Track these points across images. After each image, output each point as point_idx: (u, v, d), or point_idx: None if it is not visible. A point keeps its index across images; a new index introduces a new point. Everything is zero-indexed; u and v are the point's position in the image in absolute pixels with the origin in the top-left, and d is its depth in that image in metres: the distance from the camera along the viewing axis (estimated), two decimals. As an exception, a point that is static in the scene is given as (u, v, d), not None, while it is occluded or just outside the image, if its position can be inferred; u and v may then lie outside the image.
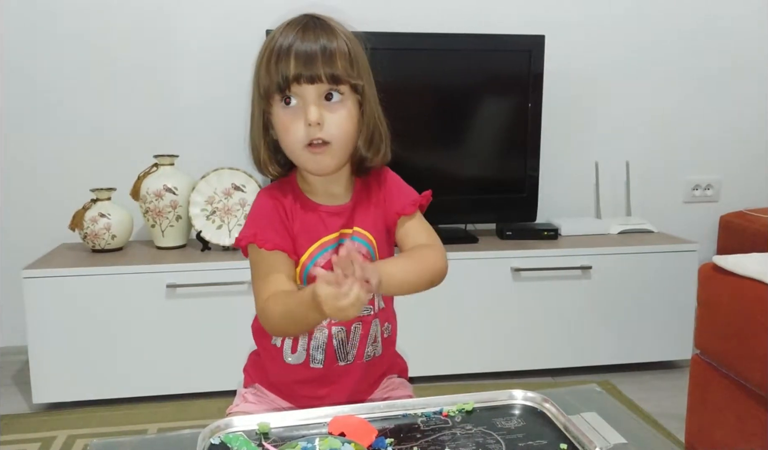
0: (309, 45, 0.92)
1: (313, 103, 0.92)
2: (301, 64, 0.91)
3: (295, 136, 0.94)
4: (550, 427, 0.81)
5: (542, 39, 2.24)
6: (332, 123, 0.93)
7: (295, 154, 0.96)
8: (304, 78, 0.92)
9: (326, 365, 1.01)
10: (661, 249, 2.23)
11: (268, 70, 0.94)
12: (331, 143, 0.94)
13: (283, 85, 0.92)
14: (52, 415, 1.94)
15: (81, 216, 2.08)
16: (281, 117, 0.95)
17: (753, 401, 1.38)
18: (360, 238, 1.01)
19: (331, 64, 0.92)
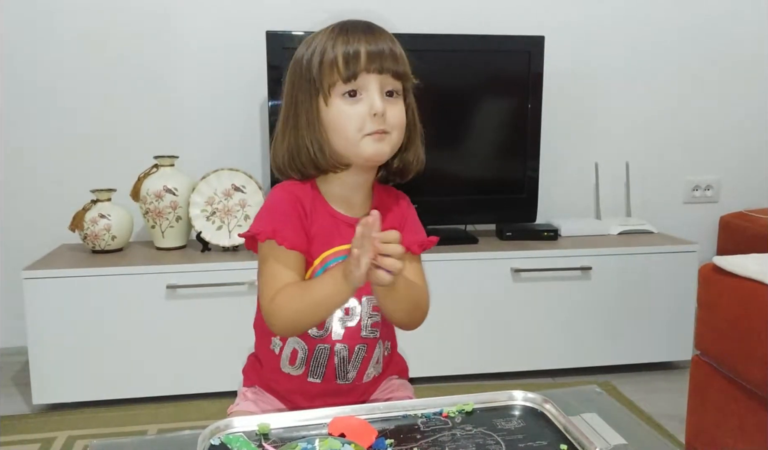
0: (377, 42, 0.95)
1: (379, 94, 0.93)
2: (373, 54, 0.93)
3: (356, 125, 0.93)
4: (550, 428, 0.81)
5: (542, 40, 2.25)
6: (393, 115, 0.95)
7: (352, 141, 0.94)
8: (373, 68, 0.93)
9: (324, 381, 1.00)
10: (661, 250, 2.23)
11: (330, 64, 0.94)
12: (390, 133, 0.95)
13: (349, 74, 0.93)
14: (52, 415, 1.94)
15: (81, 217, 2.08)
16: (344, 108, 0.94)
17: (753, 402, 1.38)
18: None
19: (397, 59, 0.95)
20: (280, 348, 1.01)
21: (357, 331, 0.99)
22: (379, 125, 0.93)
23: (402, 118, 0.97)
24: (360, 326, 0.99)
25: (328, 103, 0.95)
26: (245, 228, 2.12)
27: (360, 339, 1.00)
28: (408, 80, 0.98)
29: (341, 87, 0.94)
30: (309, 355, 0.99)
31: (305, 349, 0.99)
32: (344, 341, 0.99)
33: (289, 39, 2.09)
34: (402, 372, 1.12)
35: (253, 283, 1.99)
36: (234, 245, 2.12)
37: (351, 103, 0.94)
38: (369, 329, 1.00)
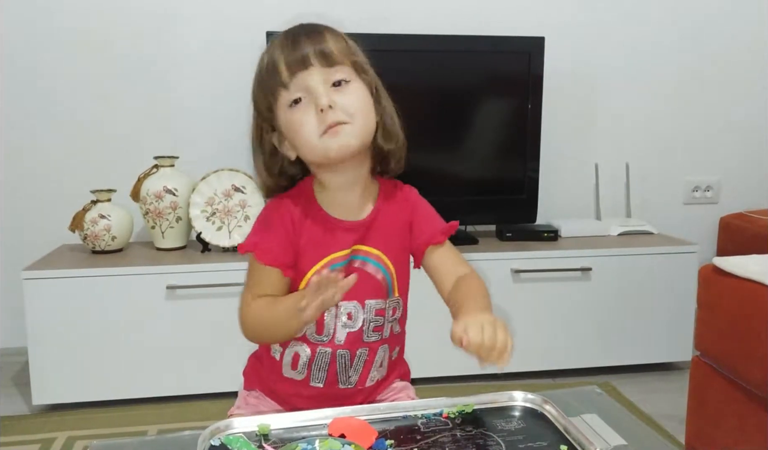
0: (296, 45, 0.90)
1: (321, 89, 0.89)
2: (294, 54, 0.89)
3: (309, 128, 0.89)
4: (550, 429, 0.81)
5: (542, 40, 2.24)
6: (345, 103, 0.89)
7: (312, 148, 0.91)
8: (297, 67, 0.89)
9: (326, 386, 0.99)
10: (661, 250, 2.23)
11: (261, 86, 0.93)
12: (349, 122, 0.90)
13: (280, 86, 0.90)
14: (51, 416, 1.94)
15: (81, 217, 2.08)
16: (290, 118, 0.91)
17: (753, 403, 1.38)
18: (374, 260, 0.98)
19: (321, 42, 0.90)
20: (280, 354, 1.00)
21: (359, 336, 0.98)
22: (331, 119, 0.88)
23: (361, 101, 0.91)
24: (362, 331, 0.98)
25: (277, 120, 0.93)
26: (245, 228, 2.13)
27: (362, 343, 0.98)
28: (350, 60, 0.92)
29: (284, 98, 0.91)
30: (311, 359, 0.98)
31: (307, 354, 0.98)
32: (345, 346, 0.98)
33: (289, 39, 2.09)
34: (405, 375, 1.11)
35: (253, 284, 1.99)
36: (234, 246, 2.12)
37: (298, 111, 0.90)
38: (371, 333, 0.99)
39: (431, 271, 1.01)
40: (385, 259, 0.98)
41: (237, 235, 2.13)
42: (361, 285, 0.94)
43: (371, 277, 0.98)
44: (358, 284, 0.94)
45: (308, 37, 0.91)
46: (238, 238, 2.13)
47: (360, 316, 0.97)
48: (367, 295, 0.97)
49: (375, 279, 0.98)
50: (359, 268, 0.97)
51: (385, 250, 0.98)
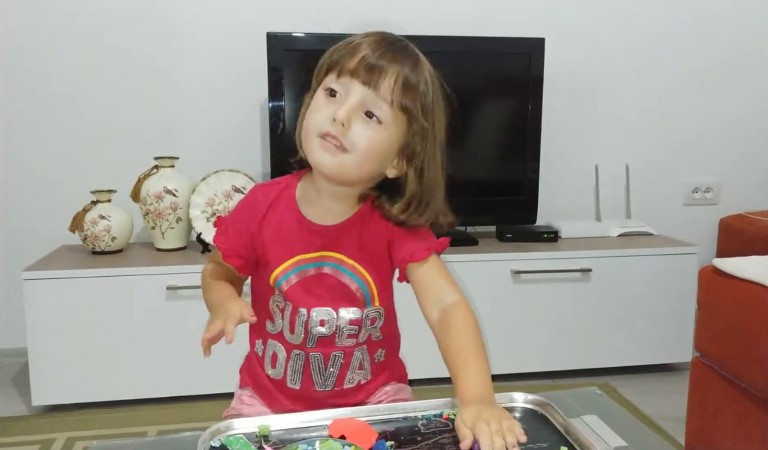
0: (383, 56, 0.86)
1: (351, 105, 0.85)
2: (365, 66, 0.85)
3: (316, 121, 0.87)
4: (550, 430, 0.81)
5: (542, 42, 2.25)
6: (358, 134, 0.85)
7: (306, 137, 0.89)
8: (360, 76, 0.85)
9: (303, 388, 0.98)
10: (661, 251, 2.23)
11: (332, 52, 0.89)
12: (348, 152, 0.86)
13: (335, 70, 0.87)
14: (51, 417, 1.94)
15: (81, 218, 2.08)
16: (317, 99, 0.89)
17: (753, 404, 1.38)
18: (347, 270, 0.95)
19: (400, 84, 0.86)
20: (262, 350, 1.01)
21: (332, 341, 0.96)
22: (335, 132, 0.85)
23: (370, 143, 0.86)
24: (335, 336, 0.96)
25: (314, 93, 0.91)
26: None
27: (335, 346, 0.97)
28: (411, 115, 0.88)
29: (329, 80, 0.88)
30: (286, 359, 0.98)
31: (283, 354, 0.98)
32: (318, 349, 0.97)
33: (289, 40, 2.09)
34: (400, 377, 1.09)
35: (253, 285, 1.99)
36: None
37: (325, 102, 0.87)
38: (345, 338, 0.97)
39: (414, 289, 0.95)
40: (361, 270, 0.95)
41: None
42: (334, 292, 0.95)
43: (345, 286, 0.95)
44: (331, 291, 0.95)
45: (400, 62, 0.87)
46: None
47: (333, 322, 0.95)
48: (341, 303, 0.95)
49: (348, 289, 0.95)
50: (331, 274, 0.95)
51: (361, 261, 0.95)
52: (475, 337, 0.91)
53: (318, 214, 0.94)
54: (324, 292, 0.95)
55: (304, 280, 0.95)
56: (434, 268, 0.94)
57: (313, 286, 0.95)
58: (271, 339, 0.99)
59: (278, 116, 2.12)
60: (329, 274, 0.95)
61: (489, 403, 0.81)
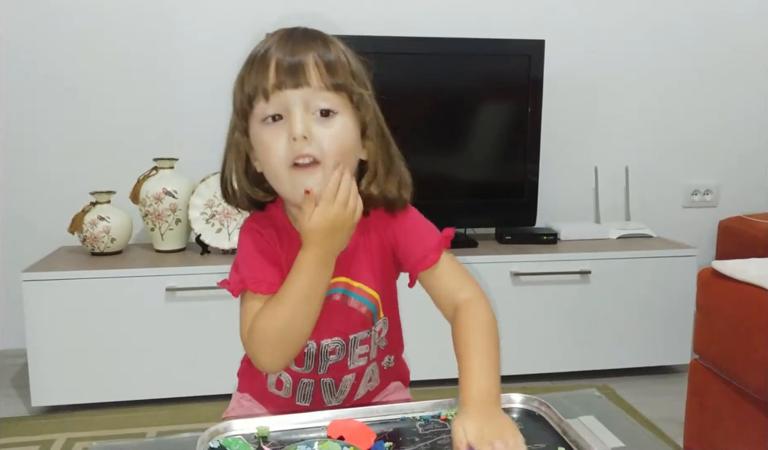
0: (295, 51, 0.81)
1: (300, 114, 0.79)
2: (284, 69, 0.80)
3: (278, 155, 0.80)
4: (548, 431, 0.81)
5: (542, 43, 2.25)
6: (324, 137, 0.80)
7: (279, 178, 0.82)
8: (287, 84, 0.79)
9: (313, 404, 0.96)
10: (661, 254, 2.23)
11: (242, 82, 0.83)
12: (322, 162, 0.80)
13: (261, 94, 0.80)
14: (50, 418, 1.94)
15: (80, 219, 2.08)
16: (262, 136, 0.81)
17: (752, 406, 1.38)
18: (355, 293, 0.91)
19: (327, 70, 0.81)
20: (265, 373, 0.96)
21: (344, 365, 0.94)
22: (303, 149, 0.79)
23: (338, 139, 0.81)
24: (346, 362, 0.94)
25: (252, 133, 0.84)
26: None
27: (347, 370, 0.94)
28: (350, 91, 0.82)
29: (261, 109, 0.81)
30: (294, 386, 0.95)
31: (290, 381, 0.95)
32: (329, 375, 0.94)
33: (289, 42, 2.09)
34: (404, 380, 1.09)
35: (252, 286, 1.99)
36: (233, 248, 2.12)
37: (273, 131, 0.81)
38: (356, 360, 0.94)
39: (428, 293, 0.92)
40: (368, 290, 0.91)
41: (237, 237, 2.12)
42: (344, 320, 0.91)
43: (354, 311, 0.91)
44: (341, 320, 0.91)
45: (311, 47, 0.81)
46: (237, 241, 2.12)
47: (343, 351, 0.93)
48: (351, 330, 0.92)
49: (358, 313, 0.91)
50: (340, 302, 0.91)
51: (367, 281, 0.91)
52: (484, 335, 0.85)
53: None
54: (333, 320, 0.90)
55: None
56: (446, 269, 0.90)
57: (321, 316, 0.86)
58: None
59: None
60: (338, 302, 0.91)
61: (491, 410, 0.77)
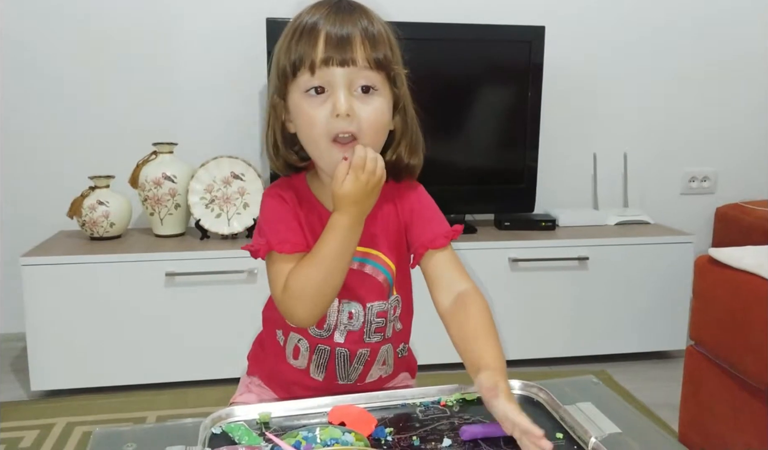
0: (344, 24, 0.84)
1: (344, 91, 0.84)
2: (333, 44, 0.83)
3: (320, 129, 0.84)
4: (546, 417, 0.82)
5: (542, 30, 2.24)
6: (363, 115, 0.85)
7: (318, 149, 0.87)
8: (335, 60, 0.83)
9: (326, 379, 0.98)
10: (658, 240, 2.24)
11: (289, 49, 0.86)
12: (359, 138, 0.85)
13: (307, 66, 0.84)
14: (50, 402, 1.95)
15: (79, 203, 2.08)
16: (303, 107, 0.86)
17: (746, 392, 1.39)
18: (373, 261, 0.94)
19: (374, 45, 0.85)
20: (284, 341, 0.98)
21: (359, 336, 0.95)
22: (345, 127, 0.84)
23: (376, 119, 0.86)
24: (362, 331, 0.95)
25: (289, 103, 0.88)
26: (244, 216, 2.13)
27: (363, 343, 0.96)
28: (390, 69, 0.87)
29: (305, 80, 0.85)
30: (310, 352, 0.96)
31: (306, 347, 0.96)
32: (345, 345, 0.95)
33: (288, 27, 2.08)
34: (412, 371, 1.09)
35: (252, 271, 1.99)
36: (233, 233, 2.13)
37: (315, 103, 0.85)
38: (373, 334, 0.96)
39: (427, 276, 0.95)
40: (386, 260, 0.95)
41: (236, 222, 2.13)
42: (362, 286, 0.94)
43: (372, 278, 0.94)
44: (359, 286, 0.93)
45: (357, 24, 0.85)
46: (236, 226, 2.13)
47: (360, 317, 0.95)
48: (369, 297, 0.94)
49: (376, 281, 0.95)
50: (358, 269, 0.94)
51: (385, 251, 0.95)
52: (491, 321, 0.91)
53: None
54: (352, 286, 0.93)
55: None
56: (450, 257, 0.94)
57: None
58: (293, 332, 0.97)
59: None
60: (357, 269, 0.94)
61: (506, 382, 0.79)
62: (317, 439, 0.73)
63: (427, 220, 0.95)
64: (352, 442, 0.73)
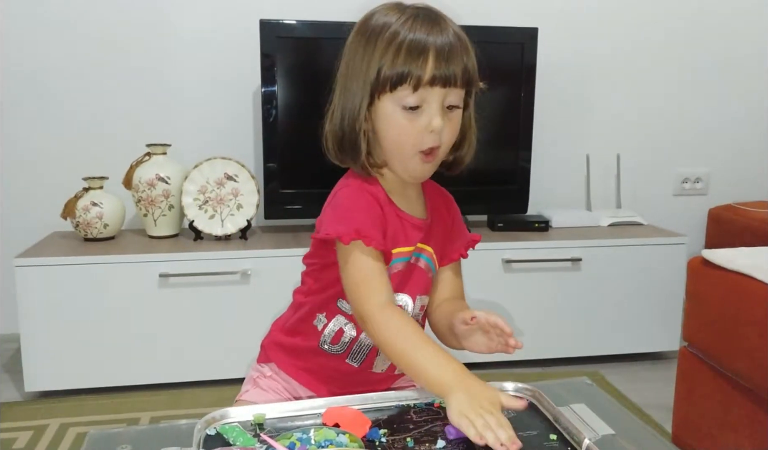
0: (450, 51, 0.89)
1: (440, 110, 0.89)
2: (442, 65, 0.87)
3: (413, 141, 0.89)
4: (540, 418, 0.83)
5: (535, 31, 2.25)
6: (446, 133, 0.91)
7: (404, 156, 0.91)
8: (439, 80, 0.87)
9: (362, 367, 1.00)
10: (651, 241, 2.25)
11: (394, 62, 0.87)
12: (440, 148, 0.92)
13: (411, 84, 0.87)
14: (44, 403, 1.95)
15: (73, 204, 2.07)
16: (398, 119, 0.89)
17: (738, 393, 1.40)
18: (430, 259, 1.00)
19: (466, 68, 0.91)
20: (324, 325, 0.99)
21: None
22: (434, 142, 0.89)
23: (455, 134, 0.93)
24: None
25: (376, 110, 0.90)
26: (238, 217, 2.13)
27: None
28: (475, 84, 0.94)
29: (404, 95, 0.88)
30: (354, 339, 0.98)
31: (352, 335, 0.98)
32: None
33: (282, 28, 2.09)
34: None
35: (245, 272, 1.99)
36: (226, 234, 2.13)
37: (411, 118, 0.89)
38: None
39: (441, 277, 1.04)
40: (435, 256, 1.00)
41: (229, 223, 2.13)
42: (415, 280, 0.98)
43: (423, 273, 0.99)
44: (413, 280, 0.98)
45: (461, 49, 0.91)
46: (230, 227, 2.13)
47: (409, 308, 0.98)
48: (419, 291, 0.99)
49: (426, 276, 1.00)
50: (414, 263, 0.98)
51: (435, 248, 1.00)
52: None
53: (408, 207, 0.98)
54: (409, 281, 0.98)
55: (399, 272, 0.96)
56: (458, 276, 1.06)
57: (402, 276, 0.97)
58: (341, 315, 0.98)
59: (271, 104, 2.12)
60: (413, 263, 0.98)
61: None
62: (312, 441, 0.73)
63: (460, 229, 1.05)
64: (347, 443, 0.73)
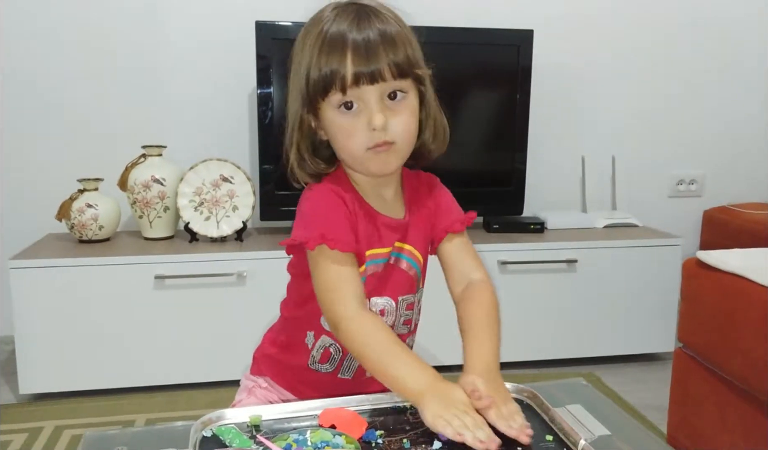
0: (368, 40, 0.86)
1: (377, 106, 0.87)
2: (362, 62, 0.85)
3: (358, 141, 0.88)
4: (536, 419, 0.83)
5: (531, 33, 2.26)
6: (396, 124, 0.88)
7: (356, 158, 0.90)
8: (364, 78, 0.85)
9: (355, 378, 0.99)
10: (646, 243, 2.26)
11: (318, 64, 0.86)
12: (395, 143, 0.89)
13: (338, 87, 0.85)
14: (39, 405, 1.94)
15: (68, 206, 2.07)
16: (339, 122, 0.88)
17: (733, 394, 1.41)
18: (410, 259, 0.98)
19: (396, 54, 0.87)
20: (312, 344, 0.98)
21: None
22: (380, 138, 0.87)
23: (408, 124, 0.90)
24: (393, 326, 0.97)
25: (321, 116, 0.90)
26: (233, 218, 2.13)
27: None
28: (414, 73, 0.90)
29: (337, 98, 0.87)
30: (342, 357, 0.98)
31: (339, 350, 0.97)
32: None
33: (278, 29, 2.09)
34: None
35: (241, 274, 1.99)
36: (222, 236, 2.12)
37: (348, 117, 0.88)
38: (401, 327, 0.99)
39: (443, 262, 1.01)
40: (417, 254, 0.98)
41: (225, 225, 2.13)
42: (395, 282, 0.96)
43: (404, 273, 0.97)
44: (393, 281, 0.96)
45: (383, 44, 0.87)
46: (226, 229, 2.13)
47: (392, 310, 0.96)
48: (400, 292, 0.97)
49: (408, 275, 0.98)
50: (393, 264, 0.96)
51: (417, 246, 0.98)
52: (492, 313, 0.96)
53: (383, 207, 0.96)
54: (388, 282, 0.96)
55: (375, 274, 0.95)
56: (466, 244, 1.02)
57: (380, 278, 0.95)
58: (326, 336, 0.96)
59: (266, 105, 2.12)
60: (393, 264, 0.96)
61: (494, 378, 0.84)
62: (308, 442, 0.73)
63: (446, 208, 1.02)
64: (343, 444, 0.73)
